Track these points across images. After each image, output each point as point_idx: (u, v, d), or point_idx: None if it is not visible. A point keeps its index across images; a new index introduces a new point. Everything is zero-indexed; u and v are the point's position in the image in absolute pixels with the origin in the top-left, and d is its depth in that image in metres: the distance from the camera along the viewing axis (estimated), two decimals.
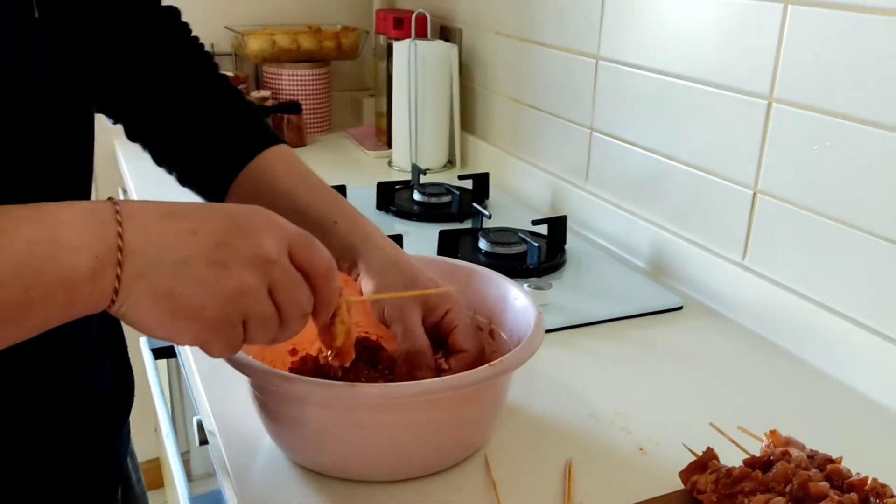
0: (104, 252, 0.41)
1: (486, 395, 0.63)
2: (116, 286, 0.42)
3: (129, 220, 0.43)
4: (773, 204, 0.89)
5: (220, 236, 0.45)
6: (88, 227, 0.41)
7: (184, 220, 0.44)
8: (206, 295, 0.44)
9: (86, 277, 0.41)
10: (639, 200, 1.11)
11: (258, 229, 0.46)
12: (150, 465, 1.99)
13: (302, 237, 0.49)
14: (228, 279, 0.44)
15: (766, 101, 0.88)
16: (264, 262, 0.46)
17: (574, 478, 0.64)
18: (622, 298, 0.97)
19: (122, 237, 0.42)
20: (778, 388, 0.81)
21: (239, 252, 0.45)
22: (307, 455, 0.65)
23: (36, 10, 0.50)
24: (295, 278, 0.48)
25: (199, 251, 0.44)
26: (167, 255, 0.43)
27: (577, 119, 1.23)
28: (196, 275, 0.43)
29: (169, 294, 0.43)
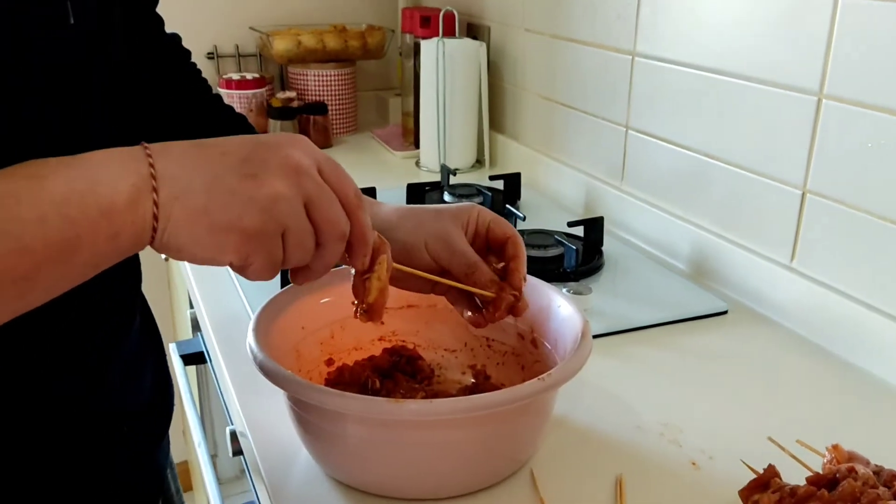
0: (139, 181, 0.43)
1: (534, 409, 0.61)
2: (155, 211, 0.43)
3: (159, 153, 0.44)
4: (823, 204, 0.86)
5: (248, 152, 0.46)
6: (123, 163, 0.43)
7: (212, 146, 0.46)
8: (240, 205, 0.45)
9: (125, 205, 0.43)
10: (678, 200, 1.08)
11: (285, 144, 0.47)
12: (179, 468, 1.99)
13: (330, 160, 0.49)
14: (261, 188, 0.45)
15: (815, 98, 0.84)
16: (295, 171, 0.46)
17: (626, 494, 0.62)
18: (664, 303, 0.94)
19: (154, 167, 0.44)
20: (833, 396, 0.78)
21: (268, 162, 0.46)
22: (346, 471, 0.62)
23: (71, 16, 0.51)
24: (328, 193, 0.48)
25: (228, 167, 0.45)
26: (199, 175, 0.44)
27: (612, 117, 1.19)
28: (228, 187, 0.45)
29: (205, 210, 0.44)
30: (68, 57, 0.51)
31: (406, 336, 0.77)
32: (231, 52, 1.79)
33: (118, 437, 0.60)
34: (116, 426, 0.60)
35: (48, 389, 0.54)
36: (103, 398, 0.58)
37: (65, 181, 0.41)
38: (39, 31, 0.48)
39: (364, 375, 0.71)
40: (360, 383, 0.70)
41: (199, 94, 0.77)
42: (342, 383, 0.71)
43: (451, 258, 0.61)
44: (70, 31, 0.51)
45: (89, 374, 0.57)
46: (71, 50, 0.52)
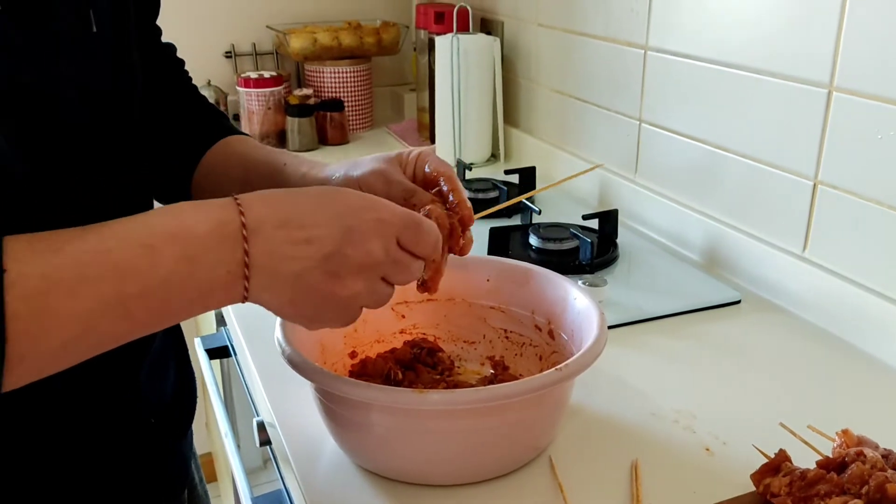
0: (235, 268, 0.46)
1: (552, 398, 0.63)
2: (245, 295, 0.48)
3: (253, 234, 0.47)
4: (834, 195, 0.87)
5: (333, 246, 0.48)
6: (221, 244, 0.46)
7: (298, 229, 0.48)
8: (323, 304, 0.49)
9: (220, 290, 0.47)
10: (692, 192, 1.10)
11: (367, 233, 0.49)
12: (204, 458, 2.03)
13: (409, 225, 0.52)
14: (342, 289, 0.49)
15: (825, 90, 0.86)
16: (373, 266, 0.50)
17: (641, 479, 0.64)
18: (678, 293, 0.96)
19: (248, 254, 0.47)
20: (844, 383, 0.79)
21: (349, 261, 0.49)
22: (372, 459, 0.65)
23: (94, 24, 0.53)
24: (405, 264, 0.52)
25: (313, 263, 0.48)
26: (286, 268, 0.48)
27: (625, 110, 1.21)
28: (312, 286, 0.48)
29: (291, 302, 0.49)
30: (94, 64, 0.53)
31: (426, 329, 0.79)
32: (248, 51, 1.81)
33: (145, 429, 0.62)
34: (143, 419, 0.62)
35: (79, 386, 0.56)
36: (131, 394, 0.60)
37: (173, 259, 0.44)
38: (65, 39, 0.50)
39: (386, 367, 0.74)
40: (383, 375, 0.73)
41: (194, 103, 0.77)
42: (365, 375, 0.73)
43: (389, 188, 0.61)
44: (93, 38, 0.53)
45: (119, 373, 0.59)
46: (95, 56, 0.53)
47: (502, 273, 0.78)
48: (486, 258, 0.81)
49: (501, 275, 0.78)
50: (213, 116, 0.76)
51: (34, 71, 0.48)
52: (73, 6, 0.51)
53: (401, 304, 0.78)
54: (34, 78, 0.48)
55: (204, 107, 0.77)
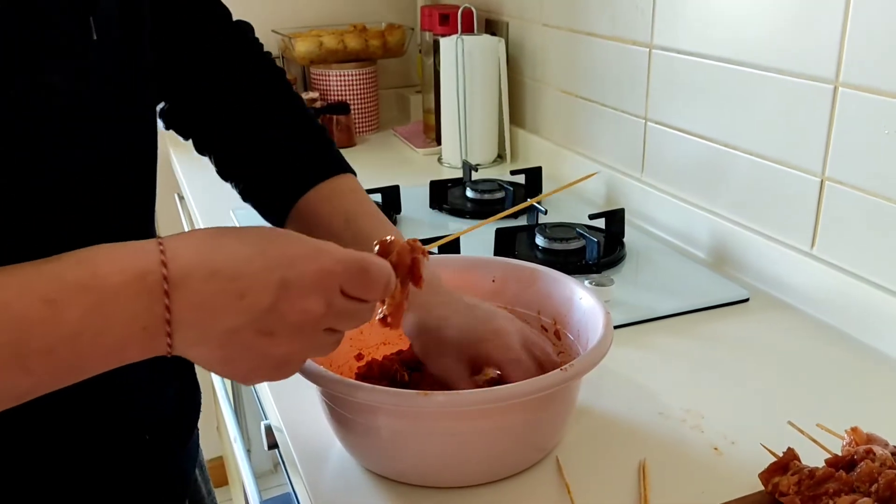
0: (152, 323, 0.42)
1: (558, 399, 0.63)
2: (169, 351, 0.44)
3: (175, 287, 0.42)
4: (841, 191, 0.87)
5: (267, 301, 0.44)
6: (137, 297, 0.42)
7: (230, 281, 0.43)
8: (256, 361, 0.46)
9: (136, 345, 0.43)
10: (698, 190, 1.09)
11: (305, 288, 0.45)
12: (213, 463, 2.03)
13: (353, 274, 0.47)
14: (277, 347, 0.45)
15: (831, 86, 0.85)
16: (312, 322, 0.46)
17: (649, 479, 0.64)
18: (685, 292, 0.95)
19: (169, 309, 0.42)
20: (853, 380, 0.79)
21: (286, 318, 0.44)
22: (379, 462, 0.65)
23: (94, 32, 0.50)
24: (350, 313, 0.48)
25: (246, 320, 0.44)
26: (215, 324, 0.43)
27: (630, 109, 1.21)
28: (245, 343, 0.44)
29: (222, 360, 0.45)
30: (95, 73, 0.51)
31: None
32: None
33: (139, 445, 0.60)
34: (138, 435, 0.60)
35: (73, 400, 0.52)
36: (127, 409, 0.58)
37: (79, 315, 0.40)
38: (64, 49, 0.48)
39: (393, 369, 0.74)
40: (389, 377, 0.73)
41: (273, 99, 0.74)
42: (372, 377, 0.73)
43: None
44: (93, 46, 0.50)
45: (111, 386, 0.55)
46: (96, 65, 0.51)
47: (508, 273, 0.78)
48: (492, 258, 0.81)
49: (507, 275, 0.78)
50: (319, 144, 0.74)
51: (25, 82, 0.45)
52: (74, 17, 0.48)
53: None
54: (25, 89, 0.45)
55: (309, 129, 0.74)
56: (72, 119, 0.50)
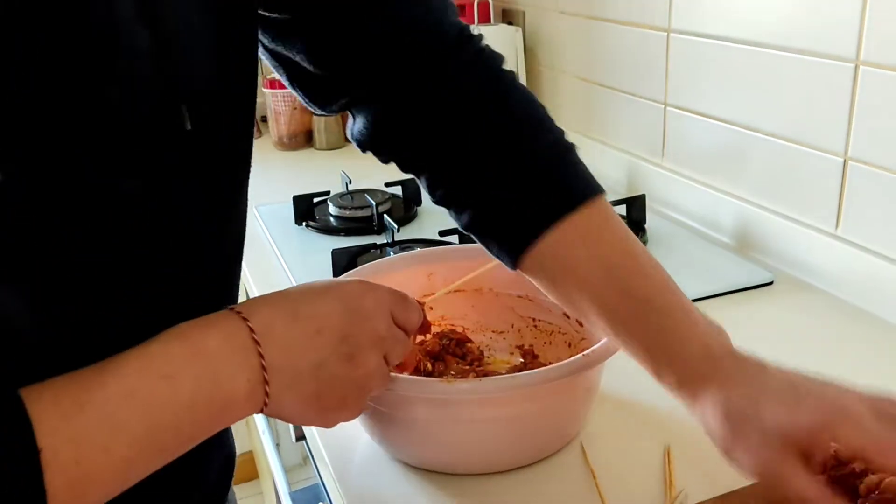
0: (253, 375, 0.46)
1: (580, 385, 0.63)
2: (266, 400, 0.47)
3: (263, 337, 0.46)
4: (865, 171, 0.86)
5: (341, 330, 0.49)
6: (235, 353, 0.45)
7: (307, 321, 0.48)
8: (344, 387, 0.50)
9: (244, 400, 0.46)
10: (720, 174, 1.08)
11: (370, 313, 0.51)
12: (244, 457, 2.06)
13: (398, 301, 0.54)
14: (358, 368, 0.50)
15: (852, 65, 0.84)
16: (380, 342, 0.51)
17: (674, 464, 0.64)
18: (709, 276, 0.95)
19: (263, 357, 0.46)
20: (880, 361, 0.78)
21: (360, 340, 0.50)
22: (405, 451, 0.66)
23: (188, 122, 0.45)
24: (400, 339, 0.54)
25: (328, 351, 0.49)
26: (304, 362, 0.48)
27: (650, 95, 1.20)
28: (332, 373, 0.49)
29: (316, 395, 0.49)
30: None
31: (454, 320, 0.80)
32: None
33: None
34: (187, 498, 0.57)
35: None
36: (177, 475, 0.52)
37: (193, 383, 0.44)
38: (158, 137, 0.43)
39: (416, 359, 0.74)
40: (413, 367, 0.73)
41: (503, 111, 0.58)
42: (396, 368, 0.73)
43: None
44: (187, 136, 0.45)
45: None
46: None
47: None
48: None
49: None
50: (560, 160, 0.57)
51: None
52: None
53: (428, 296, 0.79)
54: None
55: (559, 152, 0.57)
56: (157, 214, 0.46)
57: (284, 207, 1.21)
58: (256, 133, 0.82)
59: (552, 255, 0.55)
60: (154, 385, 0.43)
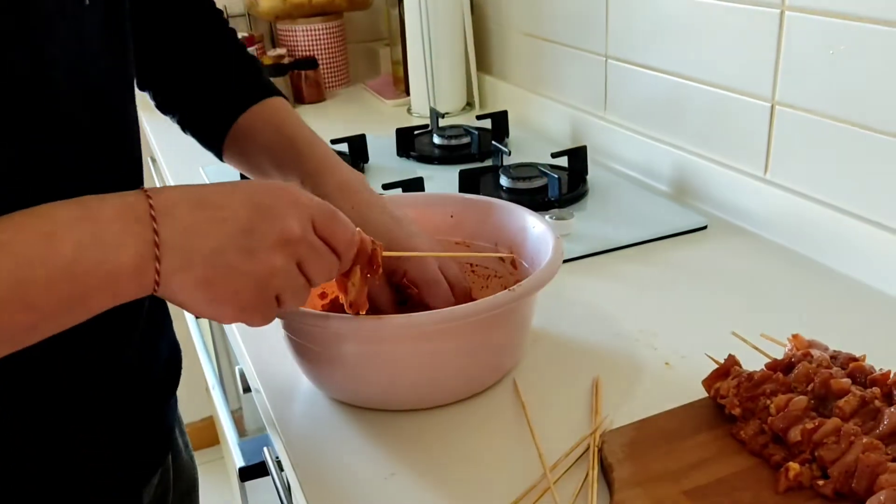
0: (144, 249, 0.45)
1: (511, 319, 0.65)
2: (157, 279, 0.46)
3: (162, 214, 0.46)
4: (791, 115, 0.88)
5: (247, 222, 0.48)
6: (128, 225, 0.45)
7: (213, 209, 0.47)
8: (239, 281, 0.48)
9: (130, 273, 0.45)
10: (659, 125, 1.11)
11: (282, 211, 0.49)
12: (204, 423, 2.07)
13: (325, 211, 0.52)
14: (258, 264, 0.48)
15: (778, 10, 0.87)
16: (289, 243, 0.49)
17: (602, 393, 0.66)
18: (646, 222, 0.97)
19: (157, 233, 0.45)
20: (805, 296, 0.81)
21: (265, 236, 0.48)
22: (342, 390, 0.67)
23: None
24: (320, 250, 0.52)
25: (229, 240, 0.47)
26: (200, 245, 0.47)
27: (591, 48, 1.21)
28: (229, 263, 0.47)
29: (207, 282, 0.47)
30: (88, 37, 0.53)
31: None
32: None
33: (132, 398, 0.62)
34: (143, 377, 0.63)
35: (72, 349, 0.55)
36: (124, 357, 0.60)
37: (74, 243, 0.43)
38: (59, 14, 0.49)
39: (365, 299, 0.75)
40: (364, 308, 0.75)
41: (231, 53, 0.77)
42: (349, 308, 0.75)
43: None
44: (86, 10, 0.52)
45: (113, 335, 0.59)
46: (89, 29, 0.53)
47: (465, 208, 0.79)
48: (448, 194, 0.83)
49: (464, 210, 0.79)
50: (250, 72, 0.76)
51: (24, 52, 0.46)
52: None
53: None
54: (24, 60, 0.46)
55: (241, 59, 0.77)
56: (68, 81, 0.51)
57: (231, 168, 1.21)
58: None
59: (242, 135, 0.73)
60: (31, 239, 0.42)
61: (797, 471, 0.52)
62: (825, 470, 0.52)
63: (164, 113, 0.79)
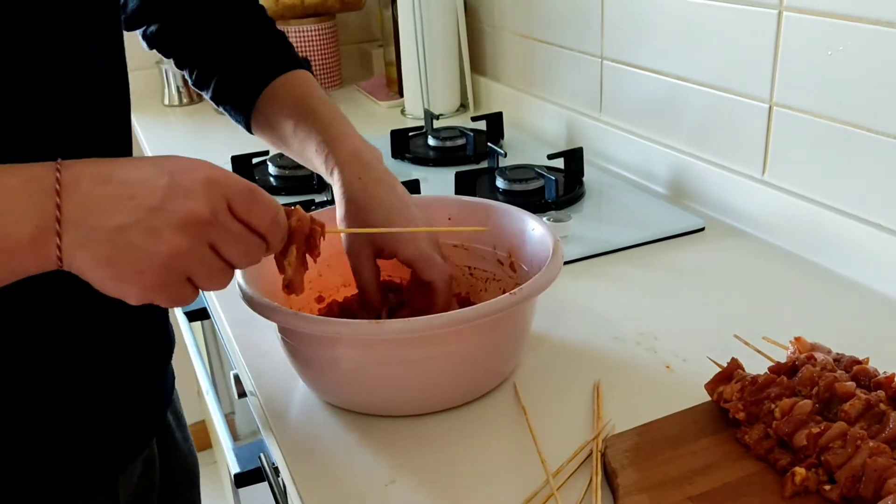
0: (43, 222, 0.44)
1: (510, 323, 0.64)
2: (58, 254, 0.45)
3: (67, 189, 0.44)
4: (789, 115, 0.88)
5: (155, 200, 0.46)
6: (30, 196, 0.44)
7: (120, 185, 0.46)
8: (142, 261, 0.46)
9: (27, 245, 0.44)
10: (655, 126, 1.10)
11: (194, 190, 0.47)
12: (196, 427, 2.05)
13: (242, 192, 0.49)
14: (162, 245, 0.46)
15: (776, 11, 0.86)
16: (198, 224, 0.47)
17: (602, 398, 0.66)
18: (643, 224, 0.97)
19: (59, 208, 0.44)
20: (804, 298, 0.81)
21: (171, 216, 0.46)
22: (339, 394, 0.66)
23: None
24: (237, 233, 0.49)
25: (133, 217, 0.45)
26: (104, 222, 0.45)
27: (587, 49, 1.21)
28: (131, 242, 0.45)
29: (109, 261, 0.46)
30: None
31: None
32: None
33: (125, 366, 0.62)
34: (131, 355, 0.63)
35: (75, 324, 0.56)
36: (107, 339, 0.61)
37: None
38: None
39: (353, 309, 0.75)
40: (350, 316, 0.74)
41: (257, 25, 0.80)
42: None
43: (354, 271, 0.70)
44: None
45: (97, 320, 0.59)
46: None
47: (463, 211, 0.79)
48: (447, 197, 0.82)
49: (462, 212, 0.79)
50: (279, 46, 0.79)
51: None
52: None
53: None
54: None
55: (270, 33, 0.80)
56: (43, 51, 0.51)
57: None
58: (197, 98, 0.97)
59: (267, 103, 0.76)
60: None
61: (803, 475, 0.52)
62: (832, 474, 0.52)
63: (198, 88, 0.82)
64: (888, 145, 0.78)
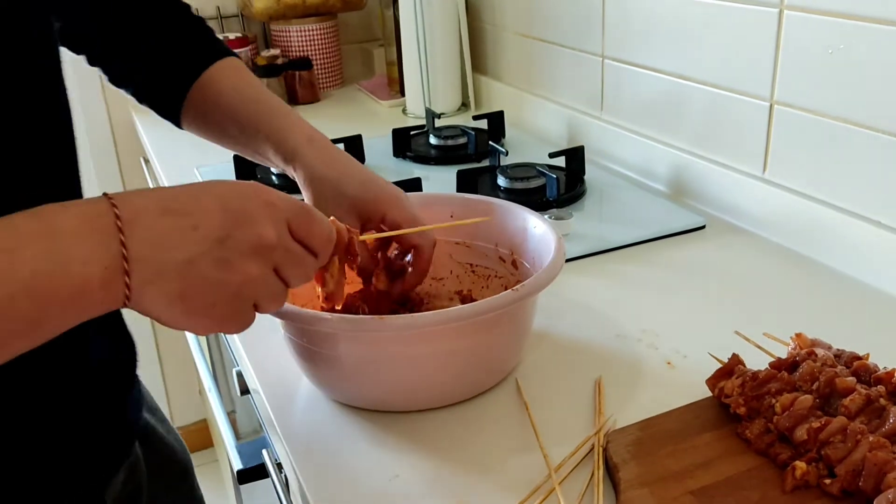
0: (111, 262, 0.42)
1: (512, 320, 0.65)
2: (127, 293, 0.43)
3: (129, 225, 0.43)
4: (790, 114, 0.88)
5: (221, 230, 0.45)
6: (93, 236, 0.42)
7: (183, 216, 0.45)
8: (215, 293, 0.46)
9: (97, 288, 0.42)
10: (656, 125, 1.11)
11: (256, 216, 0.47)
12: (198, 426, 2.06)
13: (300, 213, 0.50)
14: (234, 275, 0.46)
15: (777, 10, 0.87)
16: (266, 250, 0.47)
17: (604, 393, 0.66)
18: (644, 222, 0.97)
19: (125, 245, 0.42)
20: (804, 295, 0.81)
21: (240, 245, 0.46)
22: (343, 391, 0.67)
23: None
24: (298, 254, 0.49)
25: (202, 249, 0.45)
26: (171, 257, 0.44)
27: (588, 48, 1.21)
28: (203, 275, 0.45)
29: (181, 296, 0.45)
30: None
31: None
32: (213, 14, 1.80)
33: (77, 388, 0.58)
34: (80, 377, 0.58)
35: None
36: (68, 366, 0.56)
37: (34, 257, 0.40)
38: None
39: (356, 306, 0.75)
40: (353, 313, 0.74)
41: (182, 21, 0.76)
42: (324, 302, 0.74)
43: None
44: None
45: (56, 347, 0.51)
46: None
47: (465, 208, 0.79)
48: (448, 195, 0.82)
49: (464, 210, 0.79)
50: (200, 35, 0.76)
51: None
52: None
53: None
54: None
55: (189, 22, 0.76)
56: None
57: (226, 167, 1.21)
58: None
59: (200, 100, 0.73)
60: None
61: (804, 470, 0.52)
62: (832, 469, 0.52)
63: (118, 86, 0.78)
64: (889, 143, 0.78)
